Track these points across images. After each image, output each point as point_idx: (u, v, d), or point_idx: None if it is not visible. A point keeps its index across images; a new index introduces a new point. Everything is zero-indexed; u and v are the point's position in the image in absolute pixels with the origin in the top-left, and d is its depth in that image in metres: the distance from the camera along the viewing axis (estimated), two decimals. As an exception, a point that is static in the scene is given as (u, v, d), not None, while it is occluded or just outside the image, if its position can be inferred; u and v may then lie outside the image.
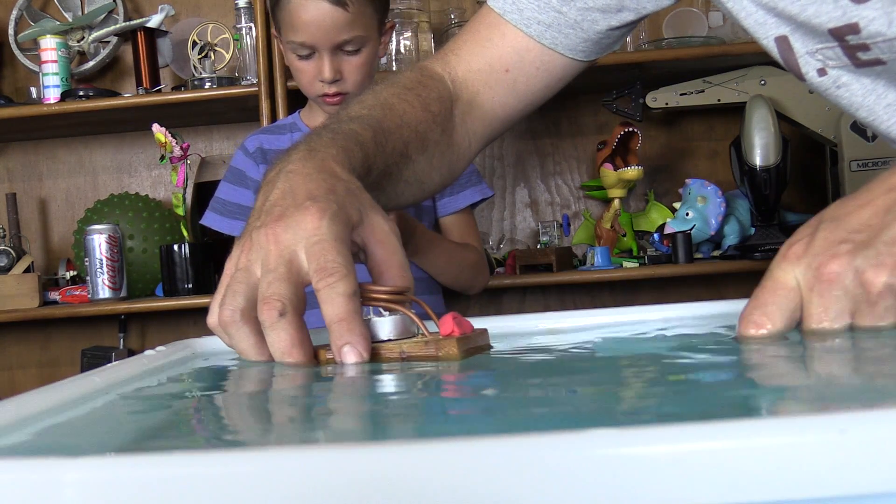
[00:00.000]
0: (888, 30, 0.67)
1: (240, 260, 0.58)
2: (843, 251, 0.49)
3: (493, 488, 0.27)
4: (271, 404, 0.47)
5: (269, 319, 0.55)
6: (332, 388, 0.50)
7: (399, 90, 0.79)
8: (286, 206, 0.58)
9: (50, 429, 0.39)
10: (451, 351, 0.54)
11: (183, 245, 2.07)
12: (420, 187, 0.82)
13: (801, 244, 0.51)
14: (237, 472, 0.27)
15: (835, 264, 0.49)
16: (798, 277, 0.50)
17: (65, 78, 2.18)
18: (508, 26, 0.83)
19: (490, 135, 0.89)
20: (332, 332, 0.54)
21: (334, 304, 0.54)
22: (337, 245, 0.56)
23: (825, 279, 0.49)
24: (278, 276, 0.55)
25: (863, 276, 0.48)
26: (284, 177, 0.61)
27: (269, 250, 0.56)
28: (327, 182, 0.60)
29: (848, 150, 1.98)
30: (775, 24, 0.74)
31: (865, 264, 0.48)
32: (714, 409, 0.36)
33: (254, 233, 0.58)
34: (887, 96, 0.72)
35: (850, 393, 0.37)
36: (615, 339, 0.61)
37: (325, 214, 0.56)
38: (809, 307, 0.50)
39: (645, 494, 0.26)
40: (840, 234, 0.50)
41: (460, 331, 0.55)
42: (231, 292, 0.57)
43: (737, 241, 2.12)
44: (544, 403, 0.39)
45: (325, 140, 0.66)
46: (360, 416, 0.40)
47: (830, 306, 0.49)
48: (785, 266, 0.51)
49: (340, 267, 0.55)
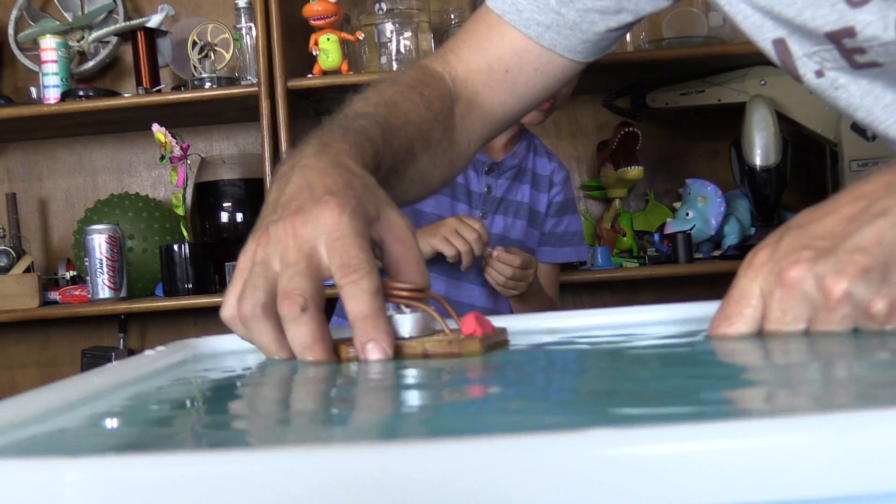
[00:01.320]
0: (884, 33, 0.67)
1: (256, 254, 0.58)
2: (804, 257, 0.50)
3: (493, 488, 0.27)
4: (272, 404, 0.47)
5: (290, 314, 0.54)
6: (341, 387, 0.50)
7: (402, 88, 0.80)
8: (304, 201, 0.58)
9: (50, 429, 0.39)
10: (474, 350, 0.54)
11: (183, 245, 2.07)
12: (423, 185, 0.83)
13: (765, 251, 0.52)
14: (237, 472, 0.27)
15: (796, 270, 0.50)
16: (761, 284, 0.51)
17: (65, 78, 2.18)
18: (508, 27, 0.84)
19: (489, 134, 0.90)
20: (356, 329, 0.54)
21: (359, 300, 0.54)
22: (358, 241, 0.55)
23: (785, 284, 0.50)
24: (298, 270, 0.55)
25: (823, 282, 0.49)
26: (299, 171, 0.60)
27: (288, 244, 0.56)
28: (344, 177, 0.59)
29: (848, 150, 1.98)
30: (772, 27, 0.74)
31: (826, 271, 0.49)
32: (714, 408, 0.36)
33: (271, 226, 0.58)
34: (885, 97, 0.72)
35: (850, 393, 0.37)
36: (615, 339, 0.61)
37: (345, 210, 0.56)
38: (769, 310, 0.51)
39: (645, 494, 0.26)
40: (803, 241, 0.50)
41: (482, 330, 0.55)
42: (250, 286, 0.56)
43: (737, 241, 2.12)
44: (545, 402, 0.39)
45: (337, 135, 0.66)
46: (374, 416, 0.40)
47: (788, 310, 0.50)
48: (749, 273, 0.52)
49: (364, 263, 0.55)
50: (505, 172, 1.73)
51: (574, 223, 1.83)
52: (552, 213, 1.80)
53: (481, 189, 1.72)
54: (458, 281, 1.66)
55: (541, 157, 1.80)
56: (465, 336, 0.55)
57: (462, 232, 1.54)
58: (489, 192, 1.71)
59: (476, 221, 1.57)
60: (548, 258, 1.78)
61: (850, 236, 0.49)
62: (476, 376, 0.50)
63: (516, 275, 1.60)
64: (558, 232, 1.80)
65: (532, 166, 1.78)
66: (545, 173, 1.79)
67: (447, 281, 1.66)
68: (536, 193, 1.77)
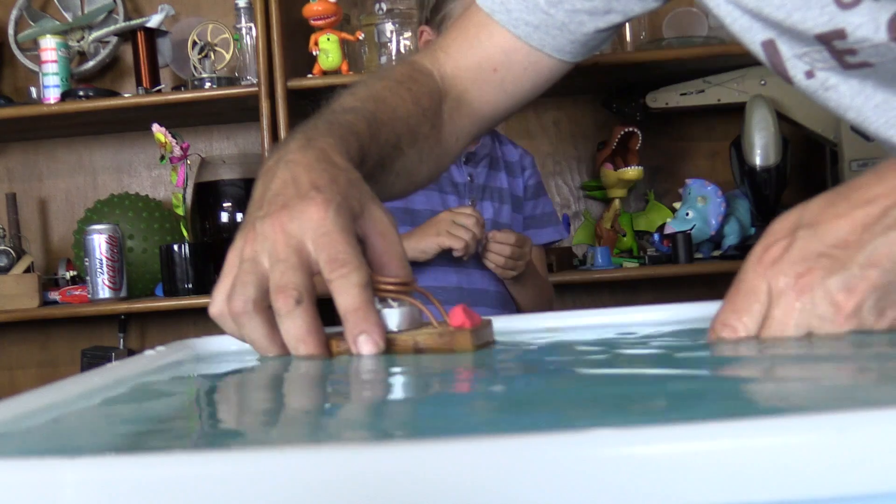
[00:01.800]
0: (875, 35, 0.66)
1: (244, 251, 0.58)
2: (819, 266, 0.49)
3: (493, 488, 0.27)
4: (272, 403, 0.47)
5: (285, 307, 0.54)
6: (343, 385, 0.50)
7: (390, 84, 0.80)
8: (289, 196, 0.58)
9: (50, 429, 0.39)
10: (465, 343, 0.54)
11: (183, 245, 2.07)
12: (409, 180, 0.83)
13: (778, 248, 0.51)
14: (237, 472, 0.27)
15: (808, 278, 0.49)
16: (770, 282, 0.51)
17: (65, 78, 2.18)
18: (497, 26, 0.84)
19: (476, 132, 0.90)
20: (347, 322, 0.54)
21: (349, 294, 0.54)
22: (345, 236, 0.56)
23: (796, 289, 0.50)
24: (290, 265, 0.55)
25: (834, 297, 0.49)
26: (284, 166, 0.61)
27: (277, 240, 0.56)
28: (329, 172, 0.60)
29: (848, 150, 1.98)
30: (761, 29, 0.74)
31: (838, 286, 0.49)
32: (714, 408, 0.36)
33: (257, 223, 0.58)
34: (875, 97, 0.72)
35: (850, 393, 0.37)
36: (615, 339, 0.61)
37: (331, 205, 0.56)
38: (773, 312, 0.51)
39: (645, 494, 0.26)
40: (817, 247, 0.50)
41: (471, 323, 0.55)
42: (240, 283, 0.57)
43: (737, 241, 2.13)
44: (543, 403, 0.39)
45: (322, 129, 0.66)
46: (375, 414, 0.40)
47: (793, 317, 0.50)
48: (759, 269, 0.51)
49: (352, 258, 0.55)
50: (481, 161, 1.77)
51: (548, 204, 1.88)
52: (529, 197, 1.84)
53: (464, 179, 1.75)
54: (466, 269, 1.68)
55: (506, 145, 1.85)
56: (455, 328, 0.55)
57: (460, 221, 1.56)
58: (472, 181, 1.75)
59: (467, 208, 1.61)
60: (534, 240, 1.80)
61: (863, 248, 0.49)
62: (468, 375, 0.50)
63: (514, 253, 1.64)
64: (537, 214, 1.85)
65: (501, 154, 1.83)
66: (514, 159, 1.84)
67: (457, 270, 1.68)
68: (512, 179, 1.82)
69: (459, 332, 0.54)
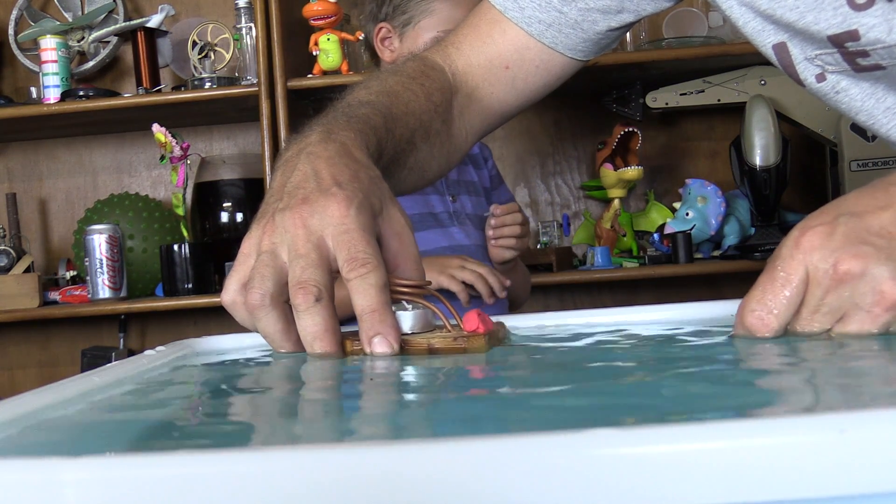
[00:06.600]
0: (888, 37, 0.66)
1: (263, 242, 0.57)
2: (864, 252, 0.48)
3: (493, 488, 0.27)
4: (274, 403, 0.47)
5: (304, 303, 0.54)
6: (343, 384, 0.50)
7: (403, 79, 0.80)
8: (310, 190, 0.57)
9: (50, 429, 0.39)
10: (480, 347, 0.54)
11: (183, 245, 2.07)
12: (421, 175, 0.83)
13: (817, 234, 0.50)
14: (237, 472, 0.27)
15: (852, 263, 0.48)
16: (808, 268, 0.50)
17: (65, 78, 2.18)
18: (509, 24, 0.84)
19: (486, 129, 0.90)
20: (362, 323, 0.54)
21: (366, 294, 0.54)
22: (365, 235, 0.56)
23: (839, 275, 0.49)
24: (311, 261, 0.55)
25: (880, 285, 0.48)
26: (305, 158, 0.60)
27: (297, 234, 0.56)
28: (350, 168, 0.59)
29: (848, 150, 1.98)
30: (773, 31, 0.74)
31: (885, 275, 0.48)
32: (714, 408, 0.36)
33: (277, 215, 0.57)
34: (886, 100, 0.72)
35: (850, 393, 0.37)
36: (615, 339, 0.61)
37: (352, 203, 0.56)
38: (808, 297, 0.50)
39: (645, 494, 0.26)
40: (861, 234, 0.49)
41: (484, 327, 0.55)
42: (258, 275, 0.56)
43: (737, 241, 2.12)
44: (544, 402, 0.39)
45: (341, 122, 0.66)
46: (378, 414, 0.40)
47: (827, 303, 0.49)
48: (798, 255, 0.50)
49: (371, 258, 0.55)
50: None
51: (507, 192, 1.91)
52: (494, 187, 1.86)
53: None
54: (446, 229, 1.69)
55: None
56: (469, 332, 0.55)
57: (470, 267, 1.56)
58: (448, 177, 1.76)
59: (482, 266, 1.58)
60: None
61: None
62: (480, 375, 0.50)
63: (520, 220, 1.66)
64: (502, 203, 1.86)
65: None
66: (475, 152, 1.85)
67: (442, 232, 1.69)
68: (477, 171, 1.84)
69: (474, 337, 0.55)
